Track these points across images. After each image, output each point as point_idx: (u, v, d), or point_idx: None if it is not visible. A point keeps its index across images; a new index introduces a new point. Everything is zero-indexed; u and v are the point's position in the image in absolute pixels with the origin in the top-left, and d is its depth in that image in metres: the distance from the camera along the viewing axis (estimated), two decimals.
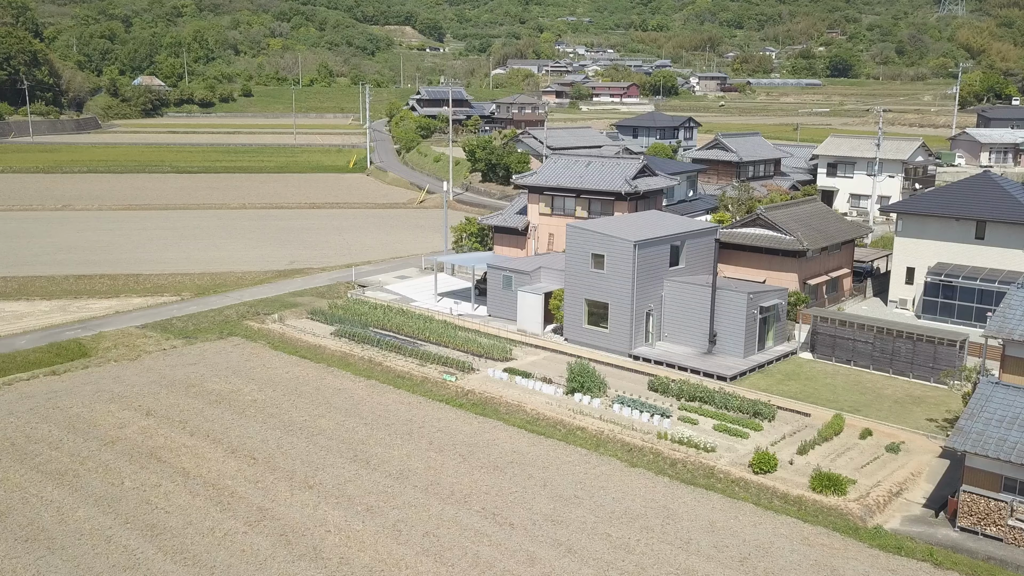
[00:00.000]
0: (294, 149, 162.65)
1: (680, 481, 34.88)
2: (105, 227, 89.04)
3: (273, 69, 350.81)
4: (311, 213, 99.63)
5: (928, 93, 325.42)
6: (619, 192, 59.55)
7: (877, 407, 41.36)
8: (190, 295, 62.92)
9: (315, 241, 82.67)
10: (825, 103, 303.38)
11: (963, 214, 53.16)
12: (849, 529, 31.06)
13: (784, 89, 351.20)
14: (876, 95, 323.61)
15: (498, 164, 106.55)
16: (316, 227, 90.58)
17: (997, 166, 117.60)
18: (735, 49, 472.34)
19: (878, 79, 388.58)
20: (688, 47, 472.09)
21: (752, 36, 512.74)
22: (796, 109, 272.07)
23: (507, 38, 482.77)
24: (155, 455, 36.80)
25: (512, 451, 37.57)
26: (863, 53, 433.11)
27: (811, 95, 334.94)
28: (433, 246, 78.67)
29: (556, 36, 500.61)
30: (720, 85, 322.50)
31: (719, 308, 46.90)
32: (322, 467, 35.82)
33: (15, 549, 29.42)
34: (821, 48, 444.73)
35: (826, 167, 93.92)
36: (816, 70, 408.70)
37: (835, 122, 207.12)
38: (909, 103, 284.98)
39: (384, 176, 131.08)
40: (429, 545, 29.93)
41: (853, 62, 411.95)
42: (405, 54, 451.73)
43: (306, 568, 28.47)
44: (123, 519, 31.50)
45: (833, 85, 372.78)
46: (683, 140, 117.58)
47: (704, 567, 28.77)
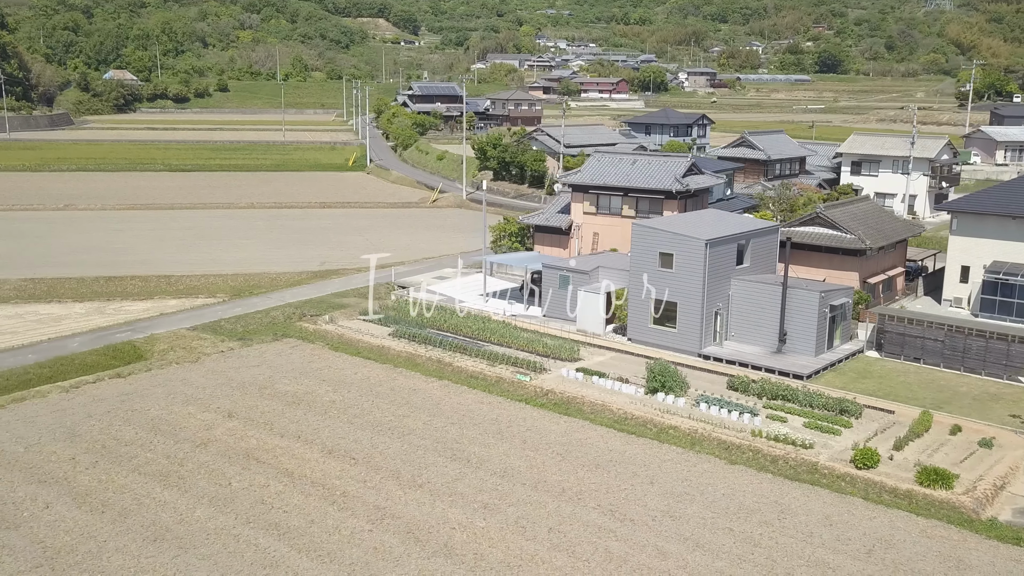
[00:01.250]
0: (286, 147, 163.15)
1: (784, 477, 36.59)
2: (114, 227, 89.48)
3: (246, 63, 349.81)
4: (324, 213, 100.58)
5: (921, 89, 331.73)
6: (670, 190, 61.32)
7: (957, 404, 43.36)
8: (226, 296, 63.85)
9: (338, 241, 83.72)
10: (817, 99, 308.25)
11: (1020, 212, 55.45)
12: (964, 522, 32.91)
13: (774, 85, 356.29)
14: (868, 91, 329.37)
15: (512, 162, 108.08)
16: (334, 227, 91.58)
17: (1013, 164, 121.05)
18: (720, 44, 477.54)
19: (868, 75, 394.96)
20: (672, 41, 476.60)
21: (737, 30, 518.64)
22: (790, 105, 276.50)
23: (485, 31, 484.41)
24: (252, 456, 37.91)
25: (608, 450, 39.10)
26: (852, 48, 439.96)
27: (802, 91, 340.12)
28: (461, 246, 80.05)
29: (536, 29, 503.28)
30: (710, 81, 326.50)
31: (790, 307, 48.73)
32: (425, 466, 37.12)
33: (147, 549, 30.48)
34: (809, 43, 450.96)
35: (850, 165, 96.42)
36: (804, 66, 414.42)
37: (834, 119, 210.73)
38: (902, 100, 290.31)
39: (387, 175, 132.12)
40: (557, 541, 31.38)
41: (842, 57, 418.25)
42: (380, 48, 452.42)
43: (443, 564, 29.80)
44: (243, 519, 32.64)
45: (823, 81, 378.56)
46: (697, 138, 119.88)
47: (833, 559, 30.47)
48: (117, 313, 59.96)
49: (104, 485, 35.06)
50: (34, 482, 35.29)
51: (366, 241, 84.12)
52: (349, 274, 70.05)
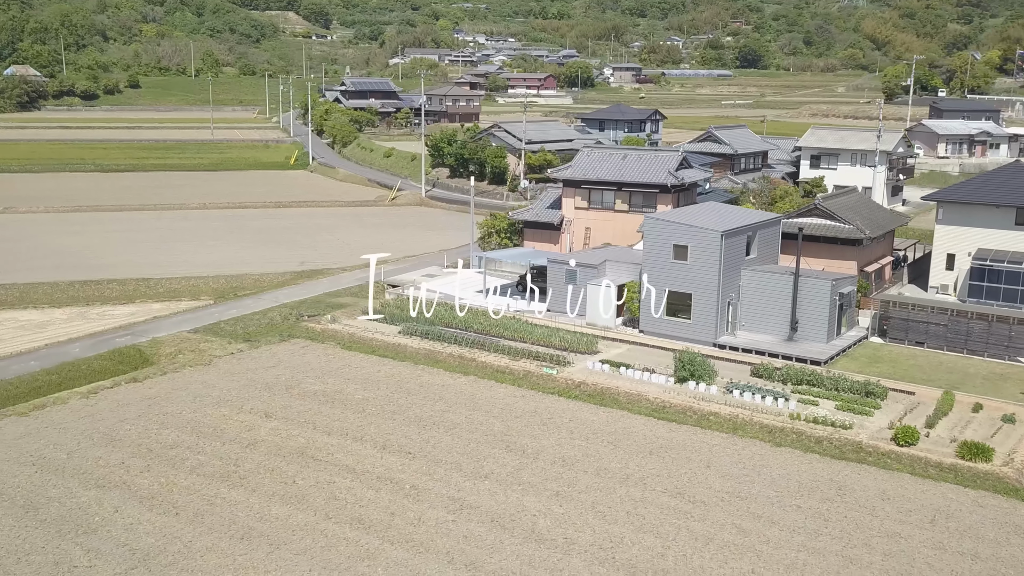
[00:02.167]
0: (218, 145, 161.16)
1: (831, 457, 39.13)
2: (70, 230, 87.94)
3: (153, 58, 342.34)
4: (282, 213, 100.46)
5: (841, 84, 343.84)
6: (664, 184, 63.77)
7: (970, 384, 46.69)
8: (210, 299, 63.90)
9: (310, 242, 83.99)
10: (742, 94, 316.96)
11: (1003, 201, 59.51)
12: (1010, 491, 35.91)
13: (697, 80, 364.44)
14: (790, 86, 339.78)
15: (471, 159, 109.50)
16: (298, 227, 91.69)
17: (954, 157, 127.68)
18: (640, 38, 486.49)
19: (788, 70, 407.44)
20: (592, 36, 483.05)
21: (656, 25, 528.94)
22: (717, 101, 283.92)
23: (401, 25, 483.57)
24: (306, 455, 38.73)
25: (655, 437, 41.11)
26: (771, 44, 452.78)
27: (725, 86, 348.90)
28: (439, 244, 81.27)
29: (453, 24, 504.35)
30: (635, 76, 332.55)
31: (802, 295, 51.54)
32: (483, 458, 38.53)
33: (237, 547, 31.23)
34: (728, 38, 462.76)
35: (809, 159, 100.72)
36: (725, 61, 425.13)
37: (768, 114, 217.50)
38: (824, 95, 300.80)
39: (333, 173, 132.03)
40: (639, 523, 33.21)
41: (762, 53, 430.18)
42: (292, 42, 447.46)
43: (537, 549, 31.33)
44: (323, 515, 33.58)
45: (744, 76, 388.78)
46: (651, 133, 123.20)
47: (901, 529, 33.03)
48: (101, 318, 59.54)
49: (166, 488, 35.52)
50: (92, 487, 35.52)
51: (337, 241, 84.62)
52: (334, 274, 70.66)
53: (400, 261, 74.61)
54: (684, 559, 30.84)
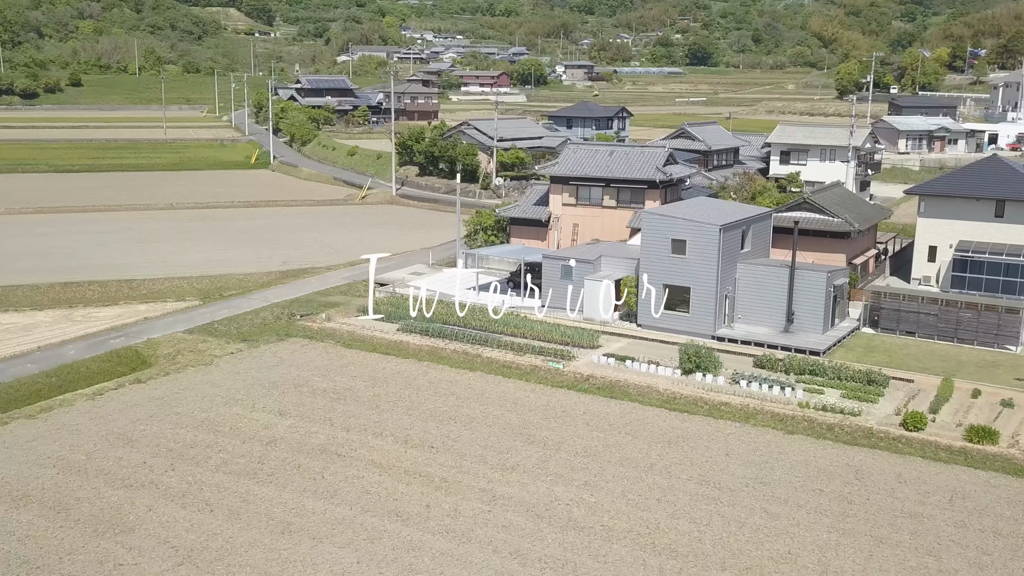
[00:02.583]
0: (174, 145, 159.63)
1: (843, 443, 40.72)
2: (38, 231, 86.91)
3: (92, 55, 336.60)
4: (253, 212, 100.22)
5: (791, 81, 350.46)
6: (653, 180, 65.19)
7: (965, 371, 48.71)
8: (196, 300, 63.87)
9: (287, 241, 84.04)
10: (693, 91, 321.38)
11: (983, 194, 61.91)
12: (1019, 471, 37.78)
13: (649, 78, 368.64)
14: (741, 84, 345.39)
15: (441, 157, 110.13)
16: (272, 226, 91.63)
17: (915, 152, 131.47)
18: (589, 36, 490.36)
19: (738, 67, 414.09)
20: (541, 33, 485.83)
21: (604, 22, 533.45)
22: (672, 98, 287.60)
23: (347, 22, 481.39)
24: (328, 451, 39.27)
25: (670, 427, 42.37)
26: (720, 41, 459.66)
27: (676, 84, 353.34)
28: (420, 242, 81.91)
29: (400, 20, 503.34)
30: (587, 74, 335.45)
31: (798, 288, 53.25)
32: (506, 450, 39.45)
33: (280, 542, 31.76)
34: (678, 36, 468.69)
35: (779, 155, 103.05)
36: (675, 58, 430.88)
37: (723, 111, 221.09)
38: (775, 91, 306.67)
39: (297, 172, 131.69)
40: (671, 510, 34.39)
41: (711, 50, 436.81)
42: (236, 39, 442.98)
43: (577, 537, 32.33)
44: (359, 508, 34.22)
45: (695, 73, 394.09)
46: (619, 130, 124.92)
47: (923, 509, 34.65)
48: (87, 320, 59.26)
49: (196, 486, 35.86)
50: (119, 487, 35.72)
51: (315, 240, 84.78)
52: (320, 273, 70.95)
53: (384, 260, 74.88)
54: (721, 542, 32.09)
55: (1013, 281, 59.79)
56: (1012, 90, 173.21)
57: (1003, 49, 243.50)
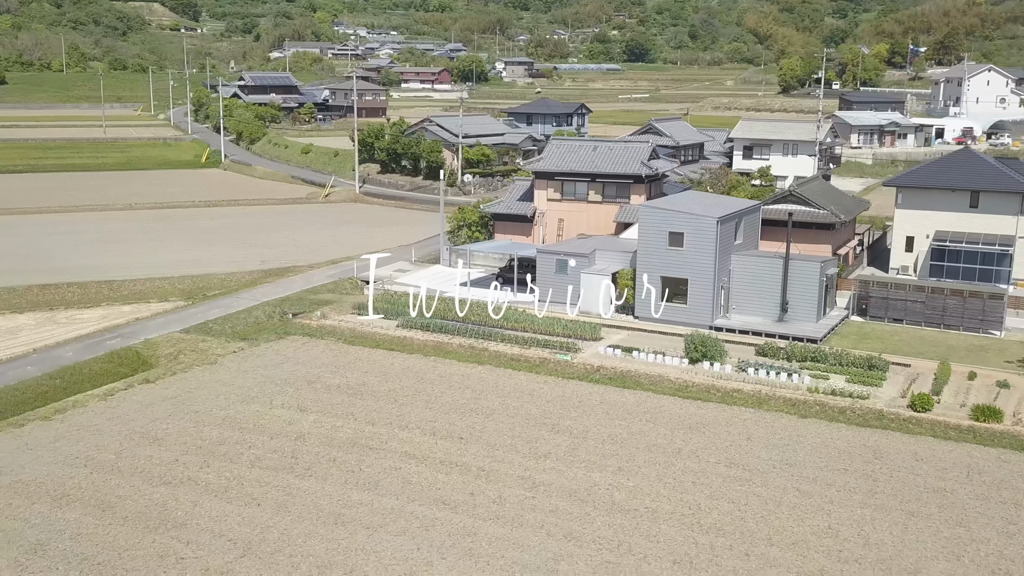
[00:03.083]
0: (116, 144, 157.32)
1: (856, 425, 42.90)
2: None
3: (12, 52, 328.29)
4: (216, 212, 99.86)
5: (728, 78, 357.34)
6: (638, 175, 67.09)
7: (956, 355, 51.39)
8: (180, 300, 63.88)
9: (260, 240, 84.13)
10: (634, 88, 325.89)
11: (958, 185, 65.09)
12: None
13: (589, 74, 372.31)
14: (680, 80, 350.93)
15: (404, 154, 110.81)
16: (240, 225, 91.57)
17: (866, 147, 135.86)
18: (524, 32, 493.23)
19: (676, 64, 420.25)
20: (476, 29, 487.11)
21: (540, 18, 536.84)
22: (613, 95, 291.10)
23: (277, 18, 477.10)
24: (359, 444, 40.19)
25: (688, 414, 44.14)
26: (657, 37, 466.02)
27: (616, 80, 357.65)
28: (393, 240, 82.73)
29: (332, 16, 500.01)
30: (528, 70, 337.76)
31: (792, 278, 55.51)
32: (534, 440, 40.78)
33: (336, 532, 32.66)
34: (614, 32, 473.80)
35: (742, 149, 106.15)
36: (613, 55, 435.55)
37: (670, 107, 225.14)
38: (715, 88, 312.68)
39: (251, 171, 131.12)
40: (709, 491, 36.09)
41: (649, 47, 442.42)
42: (162, 35, 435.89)
43: (625, 519, 33.83)
44: (405, 498, 35.26)
45: (633, 70, 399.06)
46: (579, 127, 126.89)
47: (944, 484, 36.89)
48: (72, 322, 59.00)
49: (236, 482, 36.52)
50: (158, 484, 36.23)
51: (287, 239, 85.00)
52: (303, 271, 71.38)
53: (361, 258, 75.61)
54: (763, 520, 33.89)
55: (989, 269, 63.11)
56: (953, 85, 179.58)
57: (939, 45, 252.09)
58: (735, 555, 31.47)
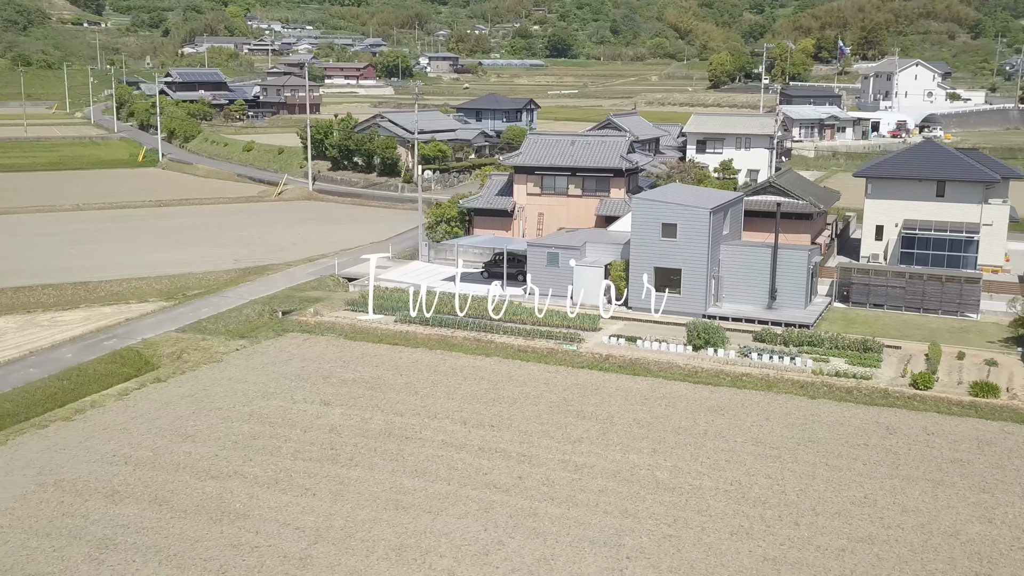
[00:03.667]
0: (41, 143, 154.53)
1: (864, 404, 45.80)
2: None
3: None
4: (170, 212, 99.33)
5: (652, 73, 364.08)
6: (619, 168, 69.44)
7: (940, 337, 54.82)
8: (161, 300, 63.99)
9: (226, 239, 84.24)
10: (559, 84, 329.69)
11: (925, 175, 68.95)
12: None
13: (513, 70, 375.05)
14: (605, 75, 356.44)
15: (357, 151, 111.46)
16: (200, 225, 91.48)
17: (808, 140, 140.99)
18: (444, 27, 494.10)
19: (599, 59, 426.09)
20: (395, 24, 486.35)
21: (459, 13, 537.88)
22: (543, 90, 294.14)
23: (187, 12, 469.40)
24: (394, 434, 41.54)
25: (703, 398, 46.51)
26: (579, 32, 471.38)
27: (541, 75, 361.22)
28: (363, 237, 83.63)
29: (244, 10, 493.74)
30: (452, 66, 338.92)
31: (781, 266, 58.39)
32: (563, 426, 42.66)
33: (399, 517, 34.05)
34: (536, 27, 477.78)
35: (695, 144, 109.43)
36: (535, 50, 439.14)
37: (604, 104, 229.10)
38: (640, 83, 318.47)
39: (192, 169, 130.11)
40: (744, 469, 38.42)
41: (571, 42, 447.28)
42: (65, 30, 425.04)
43: (673, 496, 35.93)
44: (456, 484, 36.80)
45: (556, 66, 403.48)
46: (529, 123, 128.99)
47: (959, 455, 39.89)
48: (54, 325, 58.79)
49: (284, 474, 37.57)
50: (207, 478, 37.10)
51: (254, 237, 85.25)
52: (281, 269, 71.93)
53: (338, 255, 76.46)
54: (803, 493, 36.34)
55: (956, 256, 67.00)
56: (882, 80, 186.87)
57: (864, 40, 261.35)
58: (786, 525, 33.85)
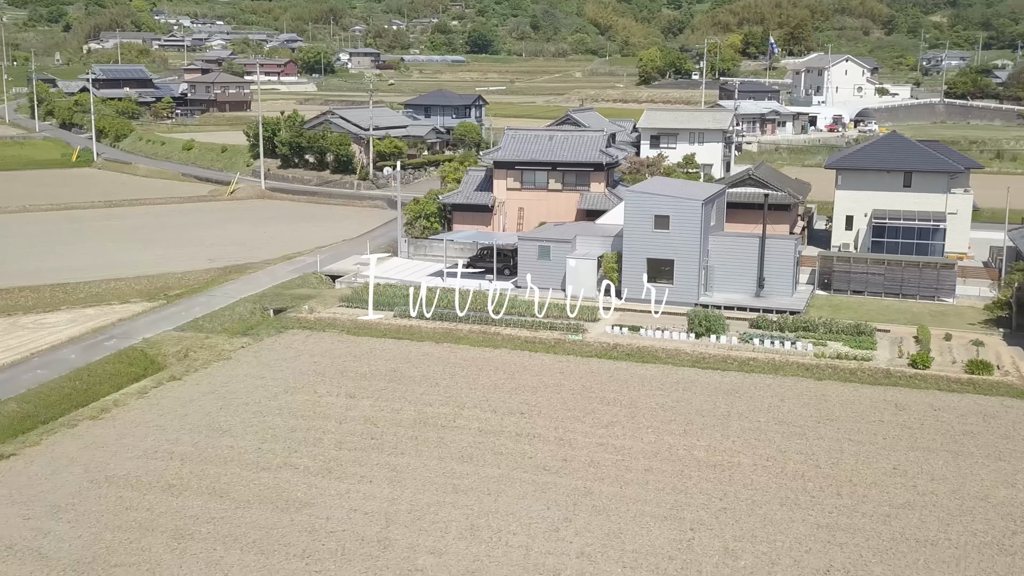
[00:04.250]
0: None
1: (869, 384, 48.93)
2: None
3: None
4: (123, 212, 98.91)
5: (576, 69, 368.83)
6: (599, 163, 71.92)
7: (923, 321, 58.44)
8: (145, 300, 64.31)
9: (191, 239, 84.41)
10: (484, 80, 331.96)
11: (892, 166, 72.97)
12: (1021, 394, 47.25)
13: (435, 66, 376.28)
14: (530, 72, 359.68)
15: (309, 148, 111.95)
16: (160, 225, 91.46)
17: (750, 135, 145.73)
18: (359, 22, 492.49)
19: (521, 55, 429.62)
20: (309, 19, 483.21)
21: (374, 8, 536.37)
22: (470, 86, 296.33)
23: (89, 6, 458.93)
24: (429, 423, 43.11)
25: (717, 383, 49.08)
26: (498, 28, 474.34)
27: (465, 71, 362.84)
28: (332, 235, 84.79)
29: (151, 4, 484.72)
30: (374, 62, 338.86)
31: (768, 256, 61.46)
32: (590, 411, 44.78)
33: (463, 499, 35.65)
34: (455, 22, 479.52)
35: (649, 139, 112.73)
36: (456, 46, 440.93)
37: (537, 100, 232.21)
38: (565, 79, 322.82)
39: (132, 169, 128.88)
40: (776, 446, 41.02)
41: (491, 37, 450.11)
42: None
43: (715, 472, 38.29)
44: (506, 467, 38.58)
45: (478, 61, 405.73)
46: (479, 118, 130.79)
47: (968, 428, 43.13)
48: (40, 327, 58.79)
49: (333, 463, 38.87)
50: (258, 470, 38.23)
51: (219, 236, 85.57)
52: (261, 268, 72.66)
53: (314, 253, 77.29)
54: (835, 466, 39.08)
55: (924, 243, 71.19)
56: (813, 75, 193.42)
57: (789, 36, 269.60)
58: (828, 495, 36.50)
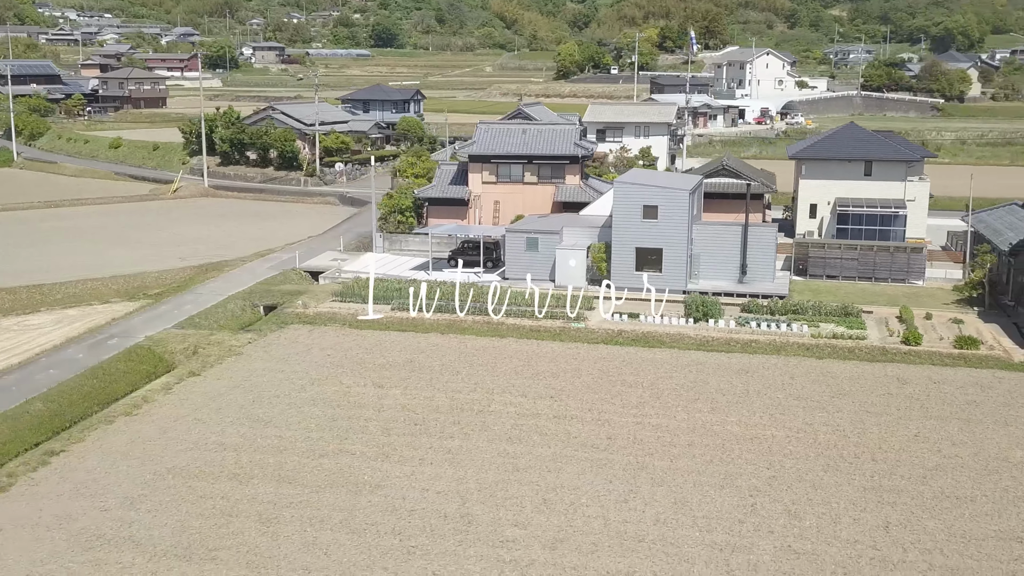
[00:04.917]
0: None
1: (867, 361, 52.74)
2: None
3: None
4: (68, 213, 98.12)
5: (486, 64, 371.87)
6: (575, 155, 74.74)
7: (900, 301, 62.61)
8: (125, 300, 64.70)
9: (153, 239, 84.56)
10: (392, 75, 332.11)
11: (854, 156, 77.53)
12: (1010, 367, 51.61)
13: (341, 60, 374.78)
14: (439, 66, 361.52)
15: (252, 144, 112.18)
16: (113, 225, 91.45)
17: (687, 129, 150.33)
18: (256, 15, 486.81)
19: (427, 49, 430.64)
20: (203, 12, 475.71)
21: (271, 1, 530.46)
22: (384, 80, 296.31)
23: None
24: (465, 408, 45.23)
25: (726, 364, 52.29)
26: (403, 21, 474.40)
27: (372, 66, 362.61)
28: (296, 232, 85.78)
29: None
30: (279, 56, 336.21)
31: (752, 243, 65.06)
32: (617, 394, 47.49)
33: (527, 476, 37.96)
34: (357, 15, 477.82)
35: (596, 133, 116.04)
36: (359, 39, 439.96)
37: (458, 95, 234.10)
38: (475, 74, 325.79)
39: (58, 168, 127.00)
40: (801, 419, 44.29)
41: (396, 31, 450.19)
42: None
43: (753, 445, 41.35)
44: (557, 447, 41.00)
45: (384, 56, 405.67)
46: (418, 113, 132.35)
47: (971, 398, 47.17)
48: (24, 329, 58.94)
49: (387, 448, 40.77)
50: (315, 457, 39.88)
51: (177, 235, 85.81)
52: (238, 265, 73.38)
53: (285, 249, 78.28)
54: (862, 435, 42.56)
55: (886, 230, 75.86)
56: (735, 68, 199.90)
57: (704, 30, 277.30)
58: (864, 461, 39.92)
